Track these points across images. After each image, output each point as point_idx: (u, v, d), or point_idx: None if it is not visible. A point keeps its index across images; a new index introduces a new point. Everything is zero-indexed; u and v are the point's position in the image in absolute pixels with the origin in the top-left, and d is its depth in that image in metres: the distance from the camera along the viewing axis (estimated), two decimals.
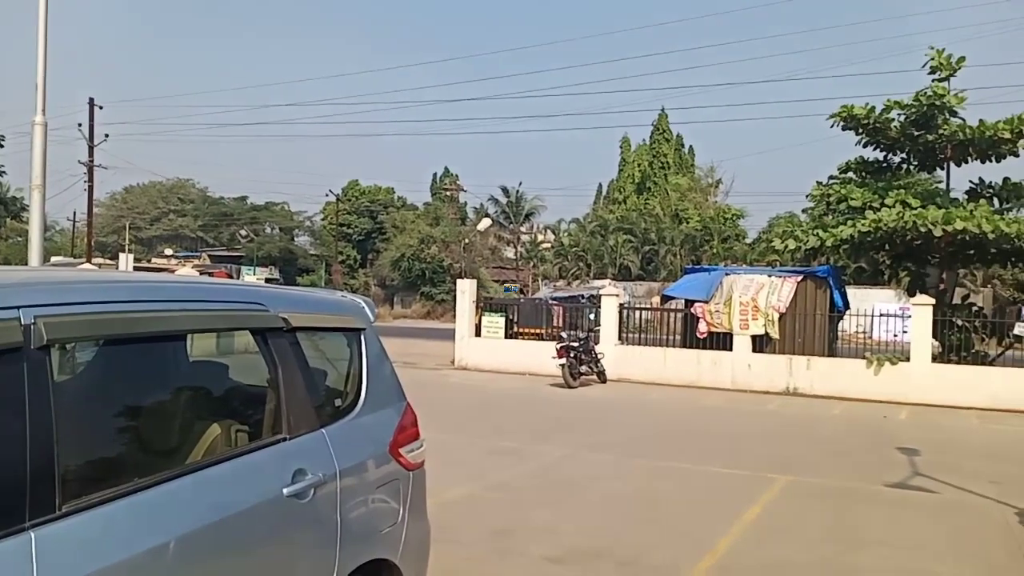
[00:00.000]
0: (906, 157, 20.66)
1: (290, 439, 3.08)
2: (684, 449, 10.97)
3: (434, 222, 56.38)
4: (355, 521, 3.28)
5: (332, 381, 3.69)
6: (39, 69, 10.86)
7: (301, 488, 2.97)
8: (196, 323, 2.93)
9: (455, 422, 12.44)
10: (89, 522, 2.24)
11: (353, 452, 3.36)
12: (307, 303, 3.61)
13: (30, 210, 11.39)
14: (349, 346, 3.72)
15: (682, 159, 66.94)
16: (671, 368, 18.47)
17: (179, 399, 3.11)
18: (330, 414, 3.41)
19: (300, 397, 3.19)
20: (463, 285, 21.47)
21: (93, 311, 2.46)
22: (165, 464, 2.76)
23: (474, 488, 8.14)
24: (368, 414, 3.57)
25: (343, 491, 3.20)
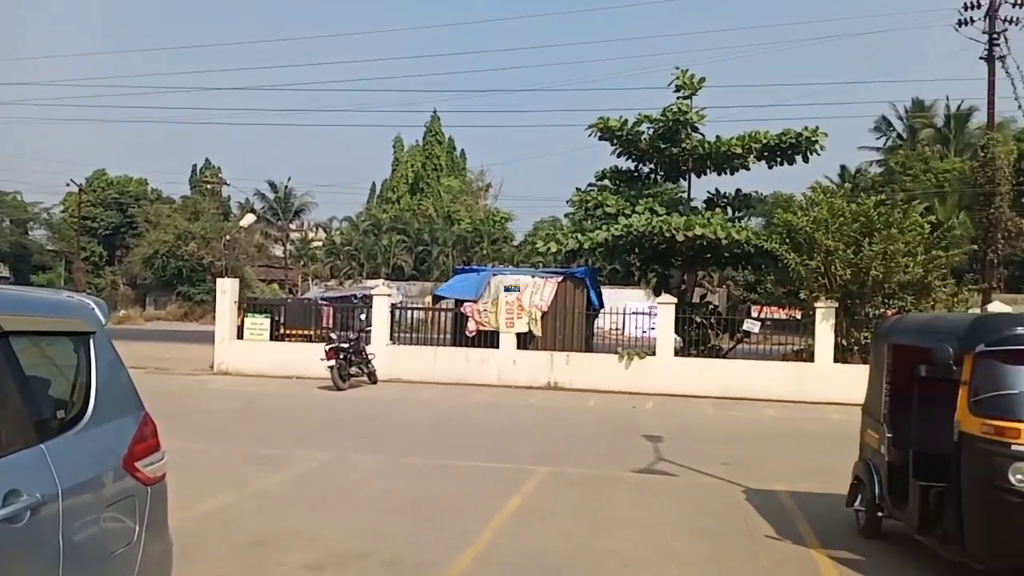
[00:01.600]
0: (654, 168, 22.51)
1: (0, 457, 2.73)
2: (452, 446, 11.15)
3: (193, 217, 52.95)
4: (81, 544, 2.98)
5: (57, 391, 3.33)
6: None
7: (14, 511, 2.65)
8: None
9: (213, 431, 11.77)
10: None
11: (79, 468, 3.05)
12: (25, 304, 3.23)
13: None
14: (76, 352, 3.38)
15: (454, 162, 68.24)
16: (441, 367, 18.72)
17: None
18: (52, 427, 3.08)
19: (13, 410, 2.85)
20: (224, 284, 20.34)
21: None
22: None
23: (231, 498, 7.73)
24: (98, 426, 3.26)
25: (66, 512, 2.90)
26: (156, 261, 48.79)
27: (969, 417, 5.34)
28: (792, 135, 20.49)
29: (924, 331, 6.54)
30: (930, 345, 5.77)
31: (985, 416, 5.24)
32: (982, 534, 5.28)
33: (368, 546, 6.32)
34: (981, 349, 5.37)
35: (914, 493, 6.02)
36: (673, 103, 20.63)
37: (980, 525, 5.27)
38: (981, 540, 5.29)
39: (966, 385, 5.43)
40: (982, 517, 5.25)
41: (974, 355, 5.40)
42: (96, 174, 62.10)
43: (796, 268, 17.82)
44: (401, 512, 7.47)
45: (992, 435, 5.15)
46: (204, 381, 18.26)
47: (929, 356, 5.76)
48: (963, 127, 45.10)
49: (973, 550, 5.34)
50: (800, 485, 8.92)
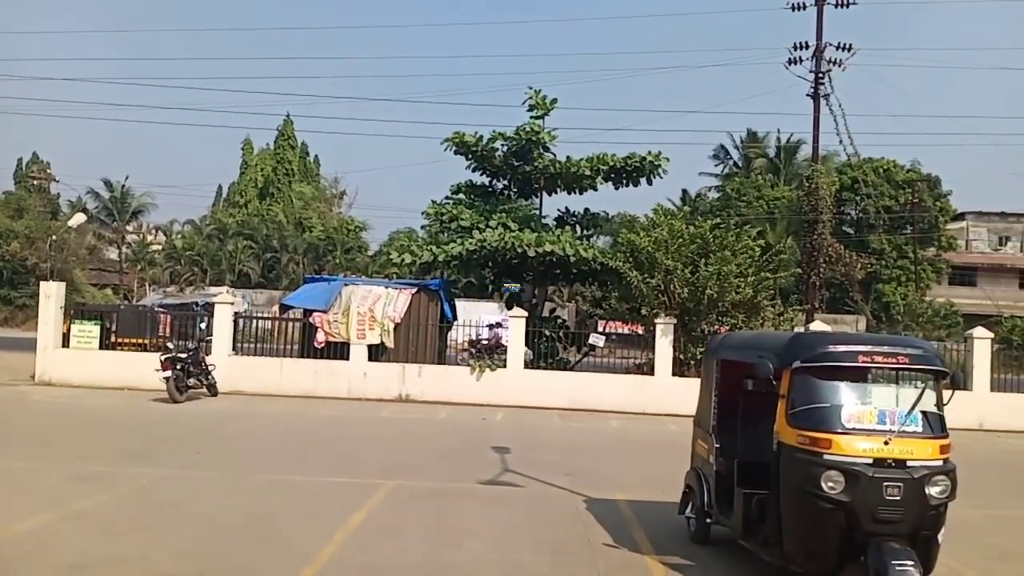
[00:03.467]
0: (508, 184, 22.95)
1: None
2: (296, 461, 10.86)
3: (16, 214, 48.81)
4: None
5: None
6: None
7: None
8: None
9: (32, 447, 10.92)
10: None
11: None
12: None
13: None
14: None
15: (307, 167, 66.61)
16: (288, 379, 18.17)
17: None
18: None
19: None
20: (48, 288, 18.84)
21: None
22: None
23: (50, 519, 7.19)
24: None
25: None
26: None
27: (786, 428, 5.78)
28: (637, 159, 21.44)
29: (749, 347, 7.01)
30: (753, 360, 6.20)
31: (800, 427, 5.68)
32: (798, 538, 5.70)
33: (201, 569, 6.05)
34: (797, 365, 5.82)
35: (739, 500, 6.43)
36: (527, 122, 21.12)
37: (796, 529, 5.70)
38: (797, 544, 5.72)
39: (784, 398, 5.88)
40: (798, 522, 5.68)
41: (791, 371, 5.85)
42: None
43: (639, 286, 18.62)
44: (238, 531, 7.20)
45: (807, 445, 5.59)
46: (24, 392, 16.83)
47: (753, 371, 6.19)
48: (792, 158, 48.89)
49: (791, 553, 5.76)
50: (638, 494, 9.32)
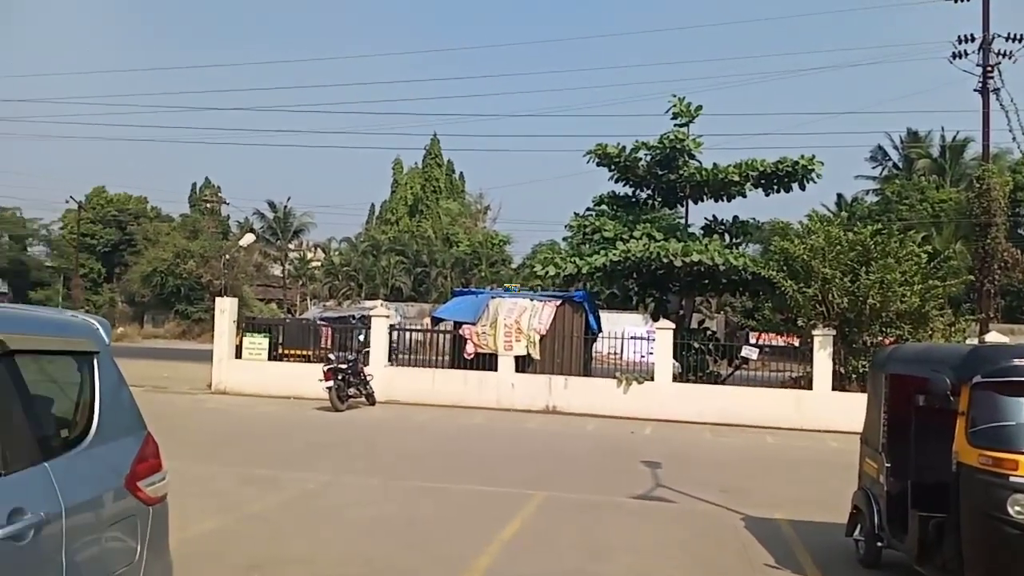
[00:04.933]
0: (652, 194, 22.66)
1: (5, 475, 2.75)
2: (449, 469, 11.12)
3: (192, 235, 53.00)
4: (84, 563, 2.99)
5: (60, 410, 3.35)
6: None
7: (18, 529, 2.66)
8: None
9: (209, 451, 11.72)
10: None
11: (82, 487, 3.07)
12: (30, 323, 3.25)
13: None
14: (80, 371, 3.40)
15: (453, 184, 68.50)
16: (439, 388, 18.70)
17: None
18: (56, 446, 3.10)
19: (18, 429, 2.86)
20: (223, 303, 20.34)
21: None
22: None
23: (226, 520, 7.70)
24: (101, 445, 3.27)
25: (69, 530, 2.91)
26: (155, 279, 48.76)
27: (967, 448, 5.35)
28: (788, 163, 20.64)
29: (921, 361, 6.56)
30: (927, 375, 5.80)
31: (983, 447, 5.25)
32: (981, 565, 5.27)
33: (362, 572, 6.29)
34: (978, 380, 5.39)
35: (913, 523, 6.01)
36: (670, 130, 20.82)
37: (979, 556, 5.27)
38: (980, 572, 5.28)
39: (963, 416, 5.45)
40: (981, 549, 5.25)
41: (971, 386, 5.42)
42: (95, 191, 62.12)
43: (794, 295, 17.87)
44: (397, 537, 7.44)
45: (990, 467, 5.16)
46: (201, 400, 18.21)
47: (926, 386, 5.78)
48: (958, 158, 45.44)
49: None
50: (799, 513, 8.90)
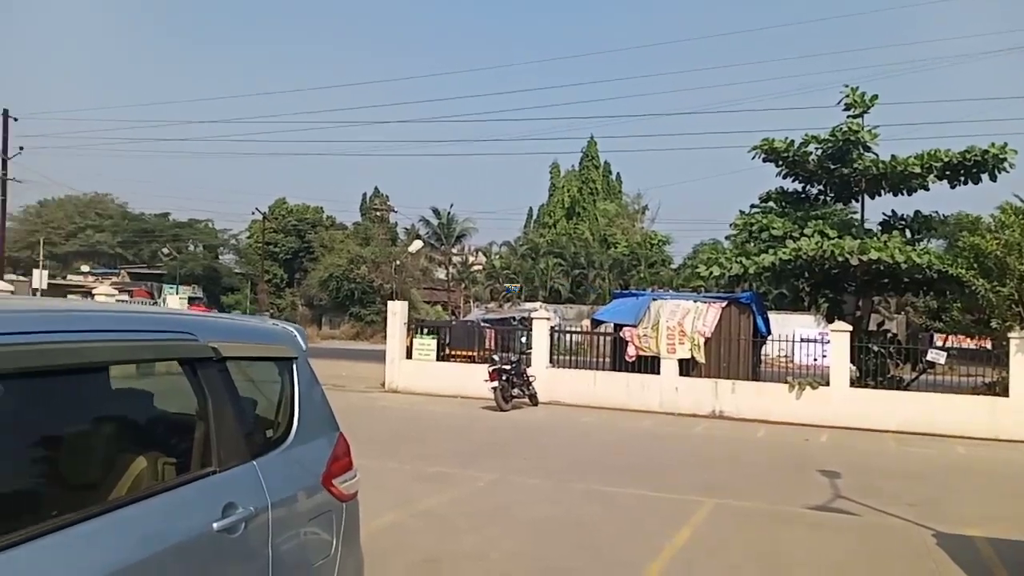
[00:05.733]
0: (823, 189, 21.51)
1: (220, 472, 2.99)
2: (616, 472, 11.05)
3: (364, 242, 55.85)
4: (287, 555, 3.19)
5: (263, 411, 3.60)
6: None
7: (232, 522, 2.88)
8: (122, 354, 2.82)
9: (383, 447, 12.27)
10: (12, 561, 2.13)
11: (285, 484, 3.28)
12: (238, 331, 3.52)
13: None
14: (280, 375, 3.64)
15: (610, 185, 68.22)
16: (601, 391, 18.65)
17: (102, 432, 2.97)
18: (261, 445, 3.32)
19: (230, 429, 3.10)
20: (394, 307, 21.29)
21: (14, 343, 2.35)
22: (90, 500, 2.64)
23: (401, 515, 8.02)
24: (300, 445, 3.49)
25: (275, 524, 3.12)
26: (331, 283, 51.81)
27: None
28: (977, 152, 18.97)
29: None
30: None
31: None
32: None
33: (536, 572, 6.36)
34: None
35: None
36: (843, 122, 19.70)
37: None
38: None
39: None
40: None
41: None
42: (278, 203, 66.73)
43: (986, 295, 16.43)
44: (567, 538, 7.47)
45: None
46: (376, 398, 19.11)
47: None
48: None
49: None
50: (998, 531, 8.16)
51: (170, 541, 2.66)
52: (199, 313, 3.70)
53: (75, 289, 44.68)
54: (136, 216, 74.30)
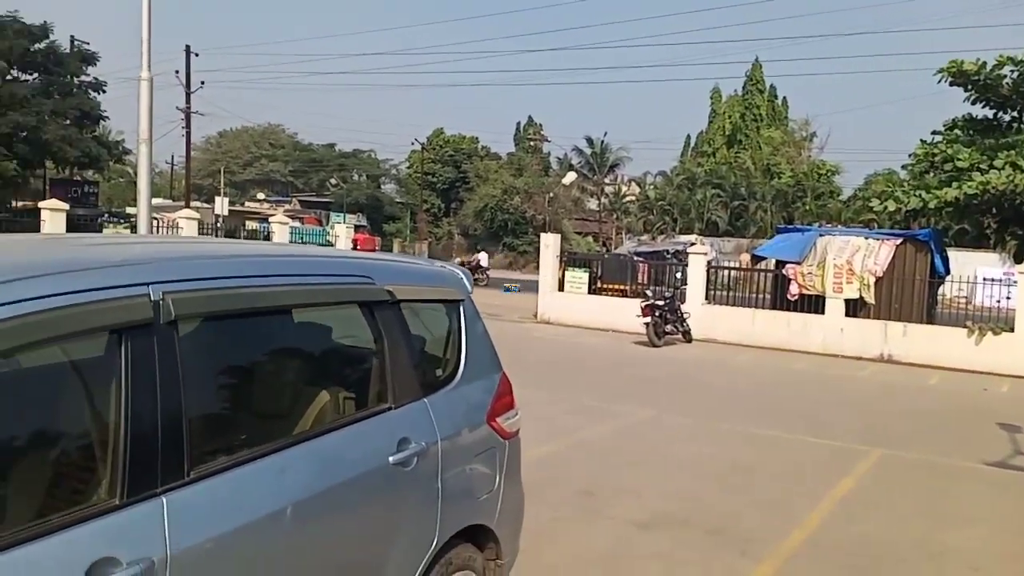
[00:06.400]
0: (1018, 116, 19.46)
1: (395, 408, 3.16)
2: (773, 415, 10.78)
3: (517, 172, 56.27)
4: (455, 488, 3.36)
5: (432, 351, 3.75)
6: (144, 26, 11.19)
7: (406, 456, 3.05)
8: (309, 297, 3.01)
9: (537, 377, 12.52)
10: (215, 487, 2.36)
11: (453, 421, 3.43)
12: (410, 275, 3.66)
13: (138, 163, 11.90)
14: (448, 316, 3.76)
15: (775, 111, 64.70)
16: (759, 330, 18.11)
17: (291, 366, 3.21)
18: (431, 384, 3.47)
19: (404, 368, 3.26)
20: (547, 239, 21.43)
21: (213, 287, 2.55)
22: (281, 431, 2.87)
23: (557, 446, 8.22)
24: (466, 384, 3.62)
25: (444, 459, 3.28)
26: (485, 214, 52.79)
27: None
28: None
29: None
30: None
31: None
32: None
33: (690, 511, 6.38)
34: None
35: None
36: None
37: None
38: None
39: None
40: None
41: None
42: (435, 133, 68.16)
43: None
44: (722, 479, 7.42)
45: None
46: (529, 329, 19.49)
47: None
48: None
49: None
50: None
51: (352, 472, 2.86)
52: (375, 256, 3.88)
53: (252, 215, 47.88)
54: (305, 147, 78.28)
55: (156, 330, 2.28)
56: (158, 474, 2.21)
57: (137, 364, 2.22)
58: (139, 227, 11.38)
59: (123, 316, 2.22)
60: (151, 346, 2.26)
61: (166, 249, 3.09)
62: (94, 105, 30.78)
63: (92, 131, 30.83)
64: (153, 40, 11.33)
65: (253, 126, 76.47)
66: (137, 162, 12.05)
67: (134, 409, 2.19)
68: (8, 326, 1.97)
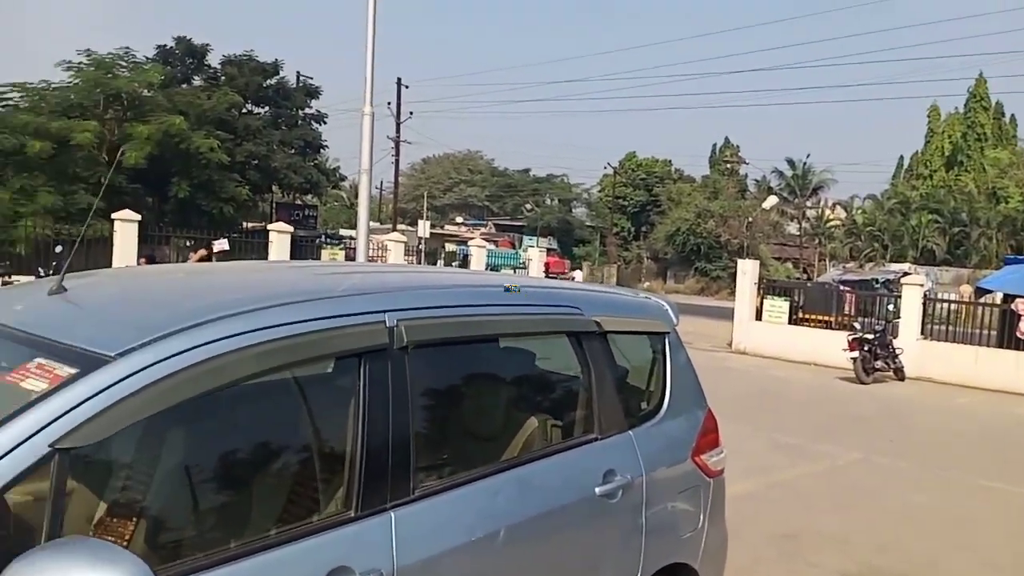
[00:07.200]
0: None
1: (601, 439, 3.18)
2: (1001, 465, 9.72)
3: (712, 195, 54.87)
4: (658, 524, 3.32)
5: (635, 382, 3.74)
6: (367, 65, 12.12)
7: (612, 489, 3.06)
8: (523, 326, 3.12)
9: (732, 410, 11.99)
10: (437, 507, 2.49)
11: (657, 456, 3.40)
12: (617, 306, 3.68)
13: (359, 191, 12.84)
14: (652, 348, 3.74)
15: (1002, 130, 58.80)
16: (983, 370, 16.45)
17: (502, 392, 3.33)
18: (636, 416, 3.47)
19: (610, 399, 3.28)
20: (744, 265, 20.72)
21: (438, 315, 2.71)
22: (492, 454, 2.99)
23: (755, 485, 7.88)
24: (671, 419, 3.58)
25: (648, 494, 3.26)
26: (677, 238, 51.88)
27: None
28: None
29: None
30: None
31: None
32: None
33: (903, 566, 5.90)
34: None
35: None
36: None
37: None
38: None
39: None
40: None
41: None
42: (627, 156, 68.03)
43: None
44: (940, 534, 6.80)
45: None
46: (723, 359, 18.89)
47: None
48: None
49: None
50: None
51: (561, 500, 2.91)
52: (582, 286, 3.94)
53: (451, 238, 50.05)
54: (501, 172, 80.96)
55: (390, 355, 2.45)
56: (388, 490, 2.37)
57: (373, 386, 2.40)
58: (358, 251, 12.30)
59: (363, 341, 2.41)
60: (385, 370, 2.44)
61: (397, 279, 3.32)
62: (316, 135, 33.54)
63: (313, 159, 33.58)
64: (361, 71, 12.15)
65: (454, 153, 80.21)
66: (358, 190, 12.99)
67: (369, 428, 2.36)
68: (266, 348, 2.19)
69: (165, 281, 3.18)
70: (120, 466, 2.27)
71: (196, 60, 31.26)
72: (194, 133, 23.91)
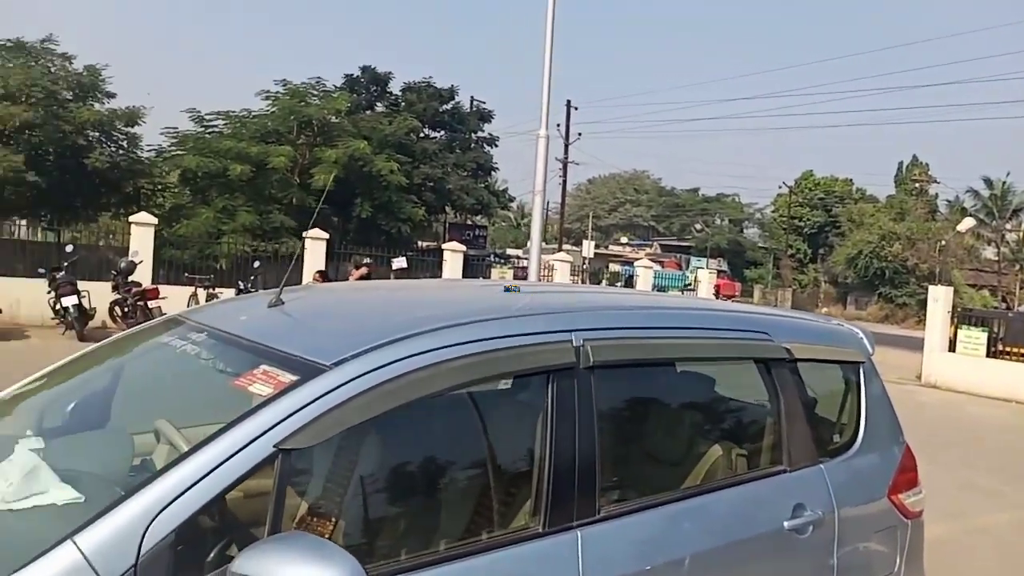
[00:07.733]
0: None
1: (790, 471, 3.05)
2: None
3: (898, 217, 51.38)
4: (850, 565, 3.14)
5: (825, 413, 3.57)
6: (543, 91, 12.40)
7: (801, 524, 2.93)
8: (709, 351, 3.05)
9: (923, 448, 11.09)
10: (621, 529, 2.47)
11: (850, 492, 3.22)
12: (808, 333, 3.52)
13: (533, 211, 13.11)
14: (845, 378, 3.55)
15: None
16: None
17: (685, 417, 3.28)
18: (827, 449, 3.31)
19: (801, 430, 3.14)
20: (936, 292, 19.22)
21: (623, 336, 2.71)
22: (675, 479, 2.94)
23: (950, 529, 7.25)
24: (866, 453, 3.38)
25: (840, 532, 3.08)
26: (859, 261, 48.93)
27: None
28: None
29: None
30: None
31: None
32: None
33: None
34: None
35: None
36: None
37: None
38: None
39: None
40: None
41: None
42: (804, 175, 65.15)
43: None
44: None
45: None
46: (911, 392, 17.57)
47: None
48: None
49: None
50: None
51: (747, 532, 2.81)
52: (772, 311, 3.81)
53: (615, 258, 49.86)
54: (669, 192, 79.92)
55: (576, 374, 2.48)
56: (574, 508, 2.38)
57: (561, 405, 2.43)
58: (530, 270, 12.54)
59: (552, 360, 2.45)
60: (572, 388, 2.46)
61: (583, 300, 3.36)
62: (488, 158, 34.56)
63: (484, 181, 34.59)
64: (535, 96, 12.42)
65: (620, 173, 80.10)
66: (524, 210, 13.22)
67: (557, 445, 2.39)
68: (464, 362, 2.28)
69: (371, 296, 3.40)
70: (323, 469, 2.43)
71: (379, 87, 33.15)
72: (376, 156, 25.27)
